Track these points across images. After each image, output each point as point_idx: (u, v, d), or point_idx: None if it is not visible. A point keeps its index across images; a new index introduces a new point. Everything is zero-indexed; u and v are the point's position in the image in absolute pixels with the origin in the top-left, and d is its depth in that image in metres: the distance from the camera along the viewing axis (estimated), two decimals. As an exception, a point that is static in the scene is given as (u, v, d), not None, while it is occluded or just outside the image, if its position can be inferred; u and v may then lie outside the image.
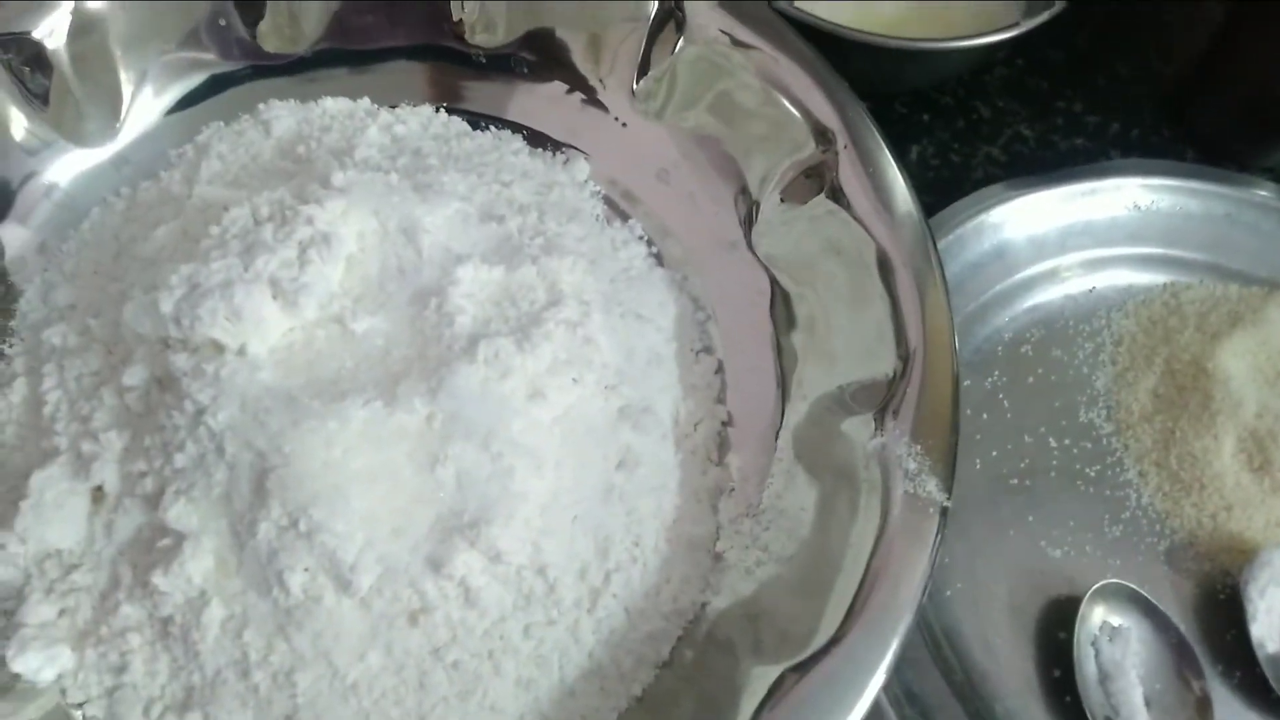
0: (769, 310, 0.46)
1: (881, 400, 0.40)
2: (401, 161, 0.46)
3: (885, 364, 0.40)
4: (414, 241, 0.41)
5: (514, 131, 0.52)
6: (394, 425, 0.36)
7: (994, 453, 0.48)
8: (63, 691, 0.38)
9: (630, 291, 0.46)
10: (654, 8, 0.48)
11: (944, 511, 0.37)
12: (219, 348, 0.37)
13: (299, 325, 0.38)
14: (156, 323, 0.37)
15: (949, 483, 0.37)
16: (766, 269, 0.46)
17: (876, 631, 0.35)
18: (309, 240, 0.38)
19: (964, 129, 0.56)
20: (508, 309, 0.40)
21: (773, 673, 0.35)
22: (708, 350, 0.47)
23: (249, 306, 0.36)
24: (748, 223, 0.47)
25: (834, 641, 0.35)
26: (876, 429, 0.39)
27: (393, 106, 0.52)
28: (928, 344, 0.39)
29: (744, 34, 0.46)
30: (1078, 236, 0.51)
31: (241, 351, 0.36)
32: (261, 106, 0.50)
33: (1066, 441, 0.48)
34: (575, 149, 0.52)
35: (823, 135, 0.44)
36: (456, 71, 0.52)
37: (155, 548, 0.37)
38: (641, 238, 0.50)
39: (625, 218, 0.50)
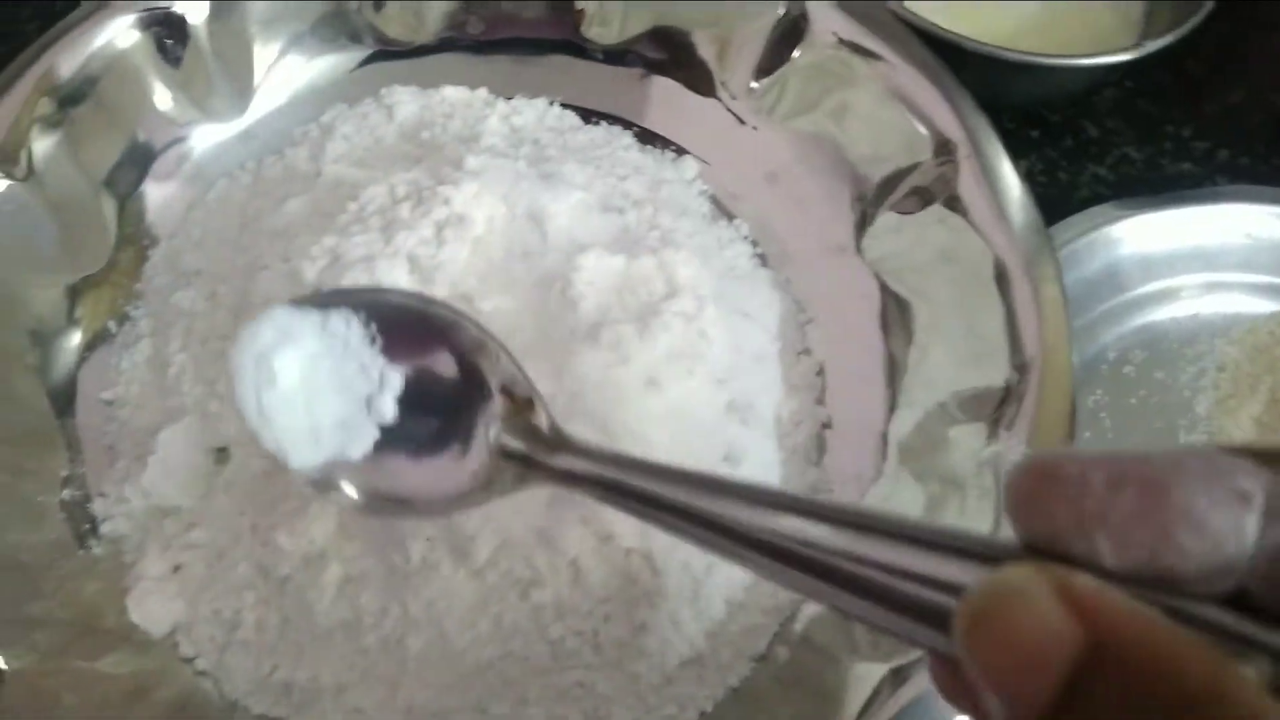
0: (878, 316, 0.46)
1: (995, 410, 0.40)
2: (524, 150, 0.47)
3: (999, 373, 0.40)
4: (540, 227, 0.41)
5: (624, 127, 0.53)
6: (519, 402, 0.37)
7: (1093, 472, 0.47)
8: (175, 645, 0.39)
9: (737, 289, 0.47)
10: (779, 11, 0.48)
11: (1058, 524, 0.36)
12: (354, 317, 0.38)
13: (429, 300, 0.39)
14: (296, 291, 0.38)
15: (1065, 495, 0.37)
16: (876, 275, 0.47)
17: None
18: (445, 220, 0.39)
19: (1071, 148, 0.56)
20: (627, 298, 0.41)
21: (876, 672, 0.36)
22: (808, 352, 0.47)
23: (389, 280, 0.37)
24: (859, 228, 0.48)
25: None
26: (990, 438, 0.39)
27: (509, 98, 0.53)
28: (1045, 354, 0.39)
29: (868, 41, 0.47)
30: (1187, 260, 0.51)
31: (376, 323, 0.37)
32: (384, 91, 0.52)
33: (1167, 466, 0.48)
34: (684, 147, 0.52)
35: (944, 146, 0.44)
36: (572, 65, 0.53)
37: (278, 509, 0.38)
38: (746, 237, 0.50)
39: (730, 217, 0.51)
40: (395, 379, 0.29)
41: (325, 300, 0.30)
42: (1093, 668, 0.15)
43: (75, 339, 0.45)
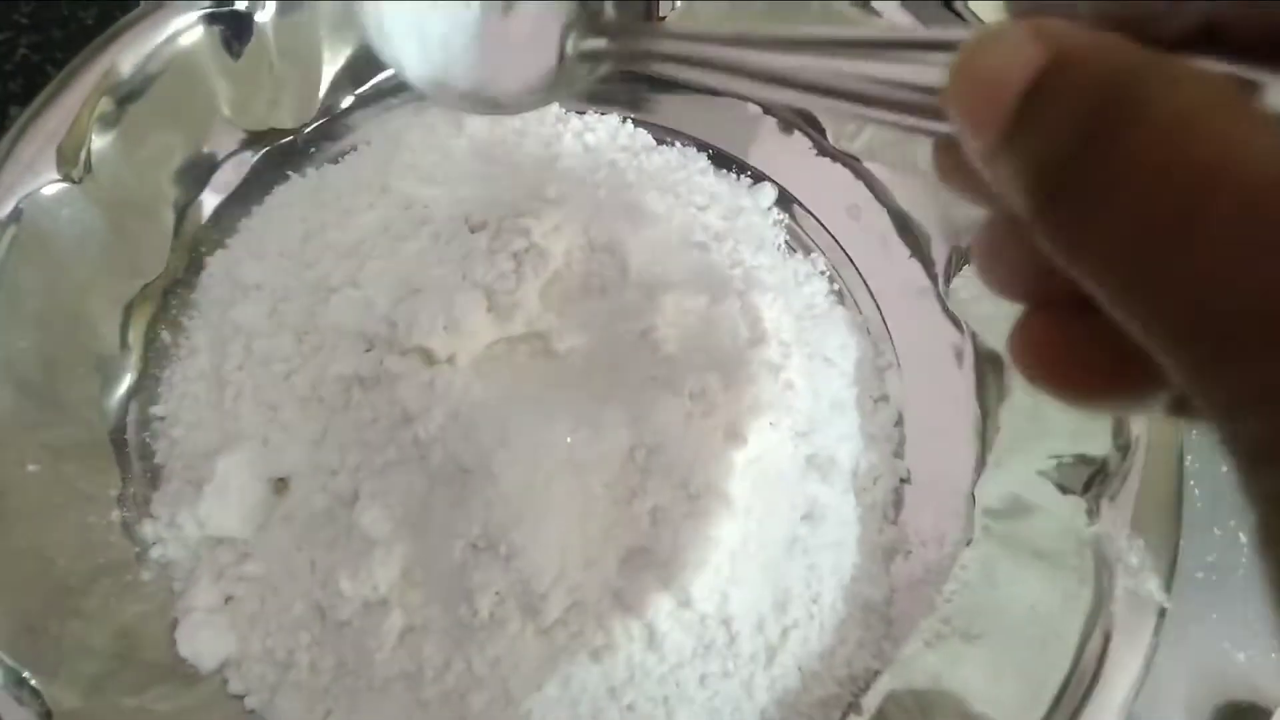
0: (968, 368, 0.44)
1: (1093, 482, 0.37)
2: (601, 175, 0.45)
3: (1101, 444, 0.38)
4: (620, 261, 0.39)
5: (698, 149, 0.51)
6: (598, 452, 0.35)
7: (1180, 543, 0.45)
8: (224, 681, 0.38)
9: (816, 331, 0.45)
10: (875, 38, 0.46)
11: (1162, 613, 0.34)
12: (428, 354, 0.36)
13: (504, 338, 0.37)
14: (368, 322, 0.36)
15: (1170, 582, 0.35)
16: (963, 323, 0.44)
17: (1083, 731, 0.33)
18: (523, 252, 0.37)
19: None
20: (709, 342, 0.39)
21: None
22: (885, 399, 0.45)
23: (466, 317, 0.35)
24: (946, 272, 0.45)
25: (1037, 737, 0.33)
26: (1091, 514, 0.37)
27: (580, 113, 0.50)
28: (1152, 427, 0.37)
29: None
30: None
31: (451, 360, 0.36)
32: (453, 100, 0.50)
33: (1257, 538, 0.46)
34: (760, 172, 0.50)
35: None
36: (645, 82, 0.51)
37: (340, 548, 0.36)
38: (823, 273, 0.48)
39: (808, 250, 0.48)
40: None
41: None
42: (1051, 80, 0.16)
43: (129, 349, 0.43)
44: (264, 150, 0.48)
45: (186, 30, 0.44)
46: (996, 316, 0.44)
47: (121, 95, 0.43)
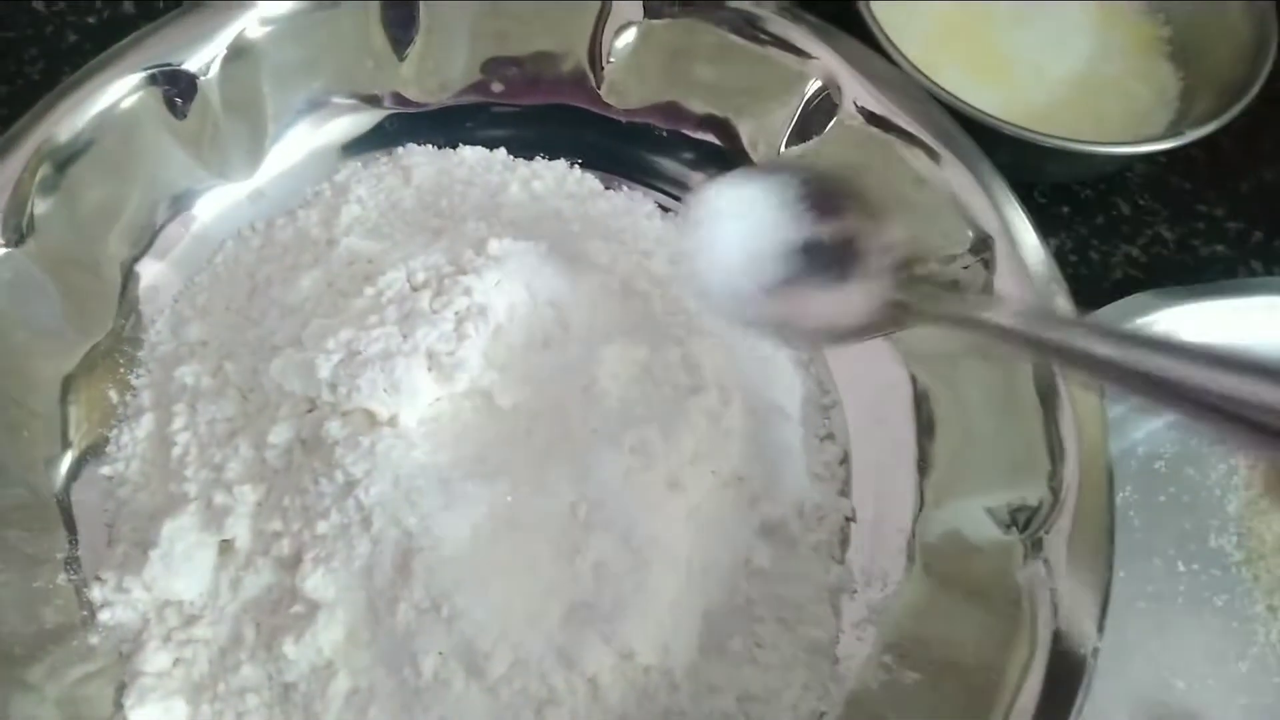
0: (906, 406, 0.45)
1: (1029, 523, 0.38)
2: (545, 226, 0.45)
3: (1036, 485, 0.39)
4: (561, 315, 0.40)
5: (645, 193, 0.52)
6: (540, 511, 0.35)
7: (1121, 573, 0.45)
8: (173, 746, 0.38)
9: (760, 374, 0.46)
10: (812, 87, 0.47)
11: (1094, 652, 0.35)
12: (371, 416, 0.36)
13: (447, 396, 0.37)
14: (309, 385, 0.36)
15: (1102, 622, 0.36)
16: (904, 362, 0.45)
17: (1019, 772, 0.34)
18: (466, 312, 0.37)
19: (1103, 225, 0.55)
20: (650, 391, 0.40)
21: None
22: (831, 438, 0.46)
23: (407, 379, 0.35)
24: (886, 313, 0.46)
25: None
26: (1026, 555, 0.37)
27: (528, 158, 0.51)
28: (1084, 470, 0.38)
29: (903, 121, 0.45)
30: (1221, 353, 0.49)
31: (392, 422, 0.36)
32: (400, 151, 0.50)
33: (1195, 567, 0.47)
34: (707, 216, 0.51)
35: (983, 241, 0.42)
36: (593, 129, 0.52)
37: (284, 611, 0.36)
38: (769, 314, 0.49)
39: (753, 291, 0.49)
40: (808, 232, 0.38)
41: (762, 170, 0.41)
42: None
43: (75, 409, 0.43)
44: (212, 207, 0.48)
45: (130, 92, 0.45)
46: (932, 355, 0.45)
47: (63, 159, 0.43)
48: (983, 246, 0.42)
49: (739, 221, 0.38)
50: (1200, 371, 0.25)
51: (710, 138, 0.51)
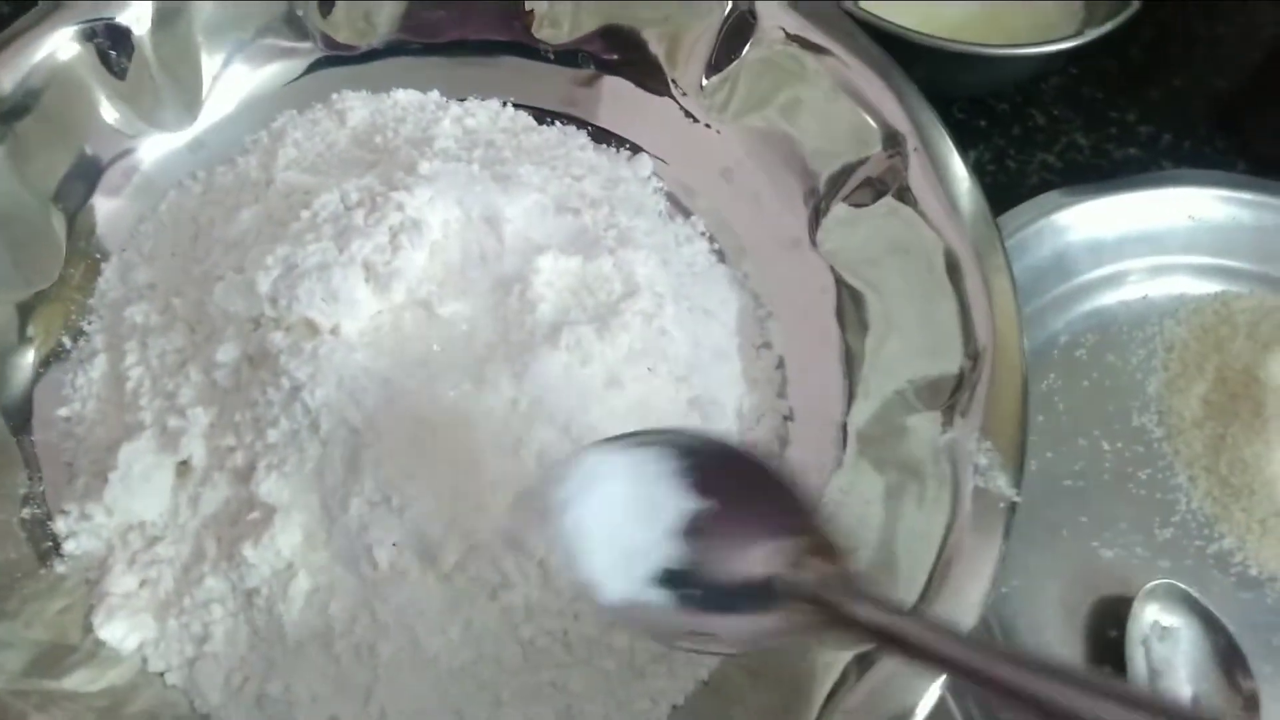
0: (833, 308, 0.47)
1: (949, 397, 0.40)
2: (477, 153, 0.47)
3: (953, 362, 0.41)
4: (496, 230, 0.42)
5: (579, 127, 0.53)
6: (482, 406, 0.37)
7: (1049, 454, 0.49)
8: (144, 660, 0.39)
9: (695, 286, 0.47)
10: (726, 9, 0.49)
11: (1013, 507, 0.37)
12: (313, 328, 0.38)
13: (387, 308, 0.39)
14: (251, 302, 0.38)
15: (1018, 478, 0.38)
16: (831, 267, 0.47)
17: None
18: (399, 226, 0.39)
19: (1020, 136, 0.57)
20: (585, 298, 0.41)
21: (842, 659, 0.36)
22: (768, 346, 0.48)
23: (344, 288, 0.37)
24: (813, 222, 0.48)
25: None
26: (945, 425, 0.40)
27: (461, 99, 0.53)
28: (997, 342, 0.40)
29: (815, 36, 0.47)
30: (1134, 244, 0.52)
31: (335, 331, 0.37)
32: (335, 96, 0.51)
33: (1119, 445, 0.49)
34: (639, 145, 0.53)
35: (893, 139, 0.45)
36: (523, 66, 0.53)
37: (243, 521, 0.38)
38: (703, 234, 0.51)
39: (687, 214, 0.51)
40: (697, 516, 0.30)
41: (633, 440, 0.32)
42: None
43: (29, 356, 0.44)
44: (152, 157, 0.49)
45: (64, 45, 0.46)
46: (856, 259, 0.47)
47: (3, 111, 0.44)
48: (893, 143, 0.44)
49: (611, 506, 0.30)
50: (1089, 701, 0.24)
51: (637, 67, 0.52)
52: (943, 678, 0.34)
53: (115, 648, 0.39)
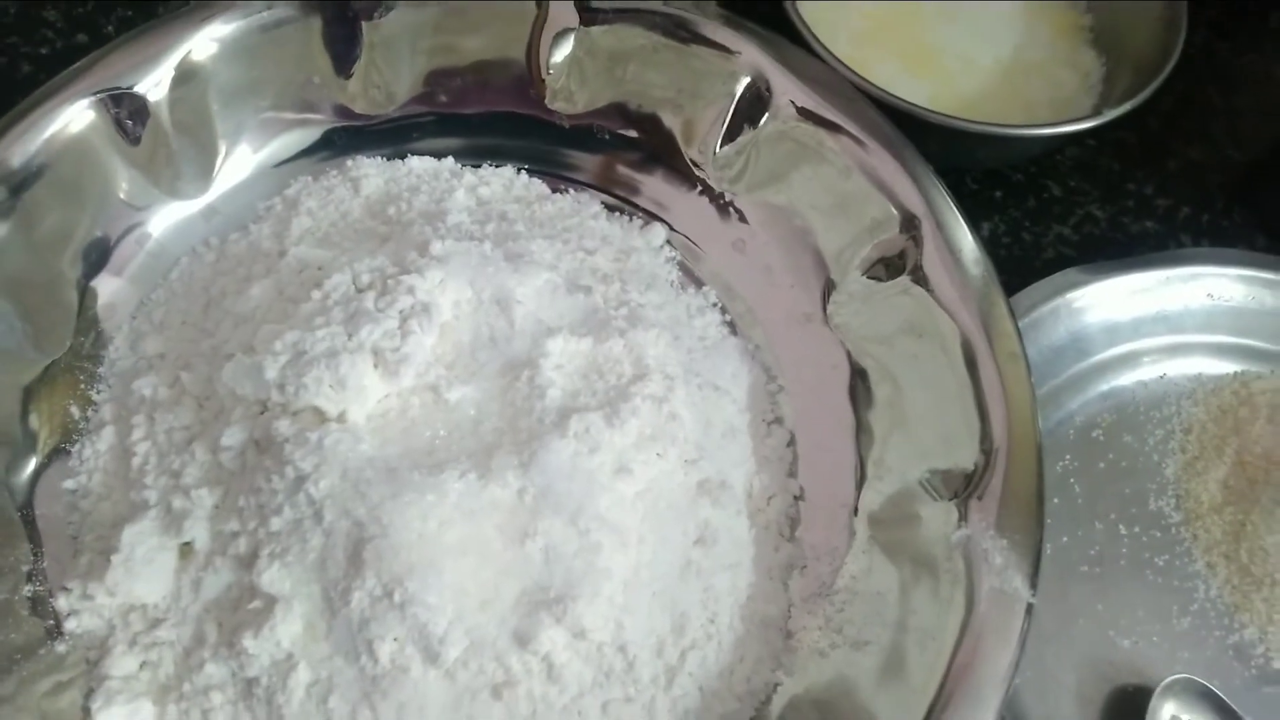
0: (846, 386, 0.46)
1: (964, 489, 0.40)
2: (490, 227, 0.47)
3: (967, 456, 0.40)
4: (506, 312, 0.41)
5: (592, 195, 0.53)
6: (488, 498, 0.36)
7: (1064, 538, 0.48)
8: (143, 747, 0.38)
9: (706, 361, 0.47)
10: (743, 84, 0.49)
11: (1029, 608, 0.37)
12: (319, 414, 0.37)
13: (395, 391, 0.39)
14: (259, 386, 0.38)
15: (1034, 579, 0.37)
16: (843, 344, 0.47)
17: (960, 728, 0.35)
18: (410, 310, 0.39)
19: (1035, 207, 0.57)
20: (595, 381, 0.41)
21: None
22: (779, 422, 0.47)
23: (352, 375, 0.37)
24: (825, 297, 0.48)
25: (917, 737, 0.35)
26: (960, 519, 0.39)
27: (475, 166, 0.53)
28: (1012, 435, 0.39)
29: (830, 114, 0.47)
30: (1151, 323, 0.51)
31: (341, 418, 0.37)
32: (349, 163, 0.51)
33: (1136, 529, 0.48)
34: (652, 215, 0.53)
35: (909, 220, 0.44)
36: (539, 135, 0.53)
37: (244, 608, 0.37)
38: (715, 305, 0.50)
39: (699, 284, 0.51)
40: None
41: None
42: None
43: (37, 425, 0.44)
44: (165, 225, 0.49)
45: (79, 115, 0.46)
46: (868, 336, 0.46)
47: (16, 183, 0.44)
48: (910, 225, 0.44)
49: None
50: None
51: (651, 138, 0.52)
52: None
53: (114, 735, 0.38)
